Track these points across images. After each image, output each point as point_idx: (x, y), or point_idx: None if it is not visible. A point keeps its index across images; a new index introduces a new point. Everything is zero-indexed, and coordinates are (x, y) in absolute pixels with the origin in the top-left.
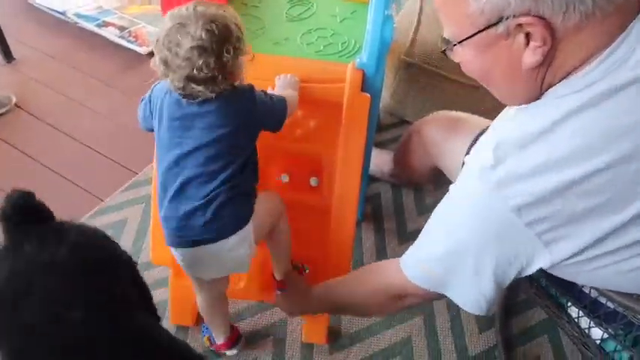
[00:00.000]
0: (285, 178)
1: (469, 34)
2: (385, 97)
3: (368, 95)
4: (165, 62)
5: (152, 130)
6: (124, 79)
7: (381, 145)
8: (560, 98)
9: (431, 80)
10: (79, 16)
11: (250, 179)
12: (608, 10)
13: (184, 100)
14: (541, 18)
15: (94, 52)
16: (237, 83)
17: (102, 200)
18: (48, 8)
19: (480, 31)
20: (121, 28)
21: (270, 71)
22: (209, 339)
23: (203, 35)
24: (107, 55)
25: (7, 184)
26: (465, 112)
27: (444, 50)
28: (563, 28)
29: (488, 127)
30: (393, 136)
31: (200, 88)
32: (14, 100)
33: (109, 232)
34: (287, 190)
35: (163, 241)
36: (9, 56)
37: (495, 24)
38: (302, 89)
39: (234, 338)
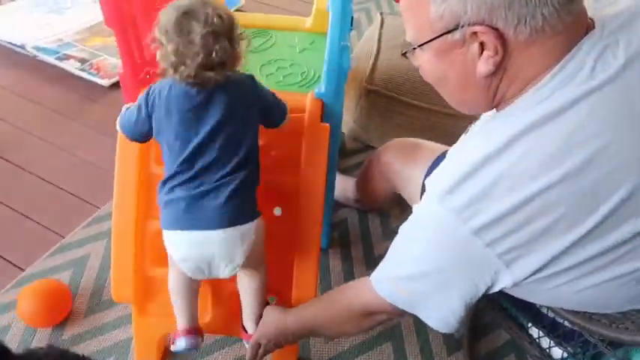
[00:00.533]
0: None
1: (428, 39)
2: (349, 123)
3: (327, 124)
4: (177, 51)
5: (143, 136)
6: (85, 111)
7: (346, 170)
8: (512, 117)
9: (392, 106)
10: (38, 49)
11: (256, 172)
12: (558, 27)
13: (194, 90)
14: (494, 29)
15: (54, 85)
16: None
17: (63, 237)
18: (6, 42)
19: (438, 37)
20: (82, 61)
21: None
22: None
23: (216, 20)
24: (68, 87)
25: None
26: (422, 139)
27: (405, 52)
28: (515, 41)
29: (445, 152)
30: (358, 161)
31: (212, 74)
32: None
33: (70, 270)
34: None
35: (125, 278)
36: None
37: (452, 31)
38: None
39: (194, 331)
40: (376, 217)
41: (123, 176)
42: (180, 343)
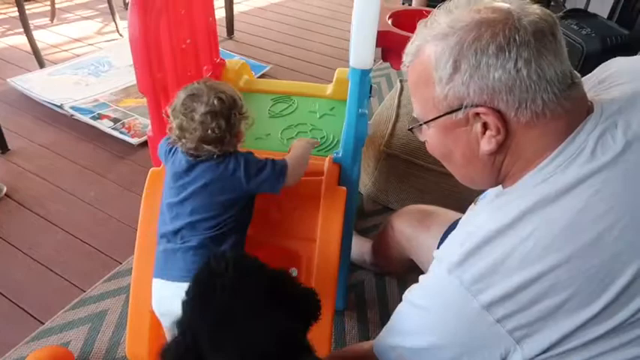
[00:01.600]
0: None
1: (433, 117)
2: (368, 185)
3: (344, 188)
4: (181, 127)
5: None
6: (114, 168)
7: (364, 231)
8: (520, 193)
9: (410, 169)
10: (75, 109)
11: (217, 241)
12: (558, 111)
13: (190, 158)
14: (496, 110)
15: (87, 142)
16: (239, 146)
17: (83, 291)
18: (47, 101)
19: (442, 115)
20: (115, 120)
21: None
22: None
23: (215, 102)
24: (100, 145)
25: None
26: (437, 204)
27: (412, 128)
28: (517, 122)
29: (457, 220)
30: (376, 222)
31: (210, 147)
32: (4, 190)
33: (88, 325)
34: None
35: (141, 335)
36: (4, 147)
37: (456, 110)
38: None
39: None
40: (393, 281)
41: (144, 235)
42: None
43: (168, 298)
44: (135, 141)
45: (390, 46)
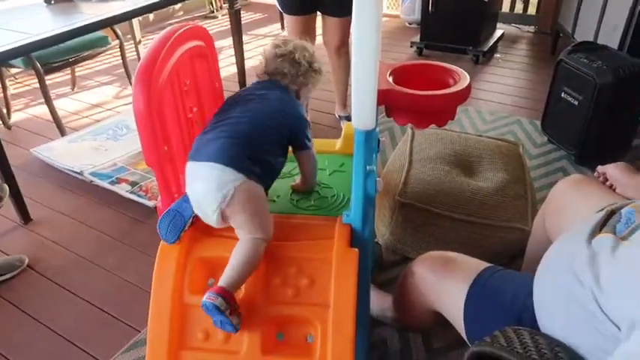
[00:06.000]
0: (281, 337)
1: None
2: (385, 235)
3: (356, 250)
4: (278, 55)
5: None
6: (132, 234)
7: (385, 284)
8: None
9: (426, 218)
10: (94, 174)
11: (268, 157)
12: None
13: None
14: None
15: (106, 208)
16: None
17: None
18: (68, 168)
19: None
20: (133, 184)
21: None
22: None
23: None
24: (118, 210)
25: (12, 348)
26: (457, 252)
27: None
28: None
29: (486, 270)
30: (396, 274)
31: (295, 89)
32: (26, 261)
33: None
34: (284, 348)
35: None
36: (26, 217)
37: None
38: (292, 247)
39: (228, 297)
40: (417, 337)
41: (157, 306)
42: (211, 298)
43: (194, 179)
44: (152, 204)
45: (392, 105)
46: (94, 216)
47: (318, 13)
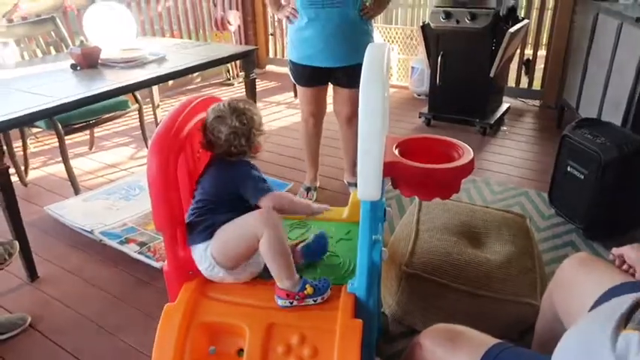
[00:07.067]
0: None
1: None
2: (392, 305)
3: (360, 321)
4: (210, 142)
5: None
6: (136, 294)
7: (391, 358)
8: None
9: (433, 289)
10: (104, 234)
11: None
12: None
13: None
14: None
15: (113, 267)
16: (257, 155)
17: None
18: (79, 227)
19: None
20: (141, 244)
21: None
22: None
23: (237, 124)
24: (125, 270)
25: None
26: (465, 325)
27: None
28: None
29: (495, 346)
30: (403, 346)
31: (233, 159)
32: (29, 320)
33: None
34: None
35: None
36: (33, 274)
37: None
38: (297, 316)
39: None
40: None
41: None
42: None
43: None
44: (159, 265)
45: (397, 176)
46: (101, 275)
47: (329, 83)
